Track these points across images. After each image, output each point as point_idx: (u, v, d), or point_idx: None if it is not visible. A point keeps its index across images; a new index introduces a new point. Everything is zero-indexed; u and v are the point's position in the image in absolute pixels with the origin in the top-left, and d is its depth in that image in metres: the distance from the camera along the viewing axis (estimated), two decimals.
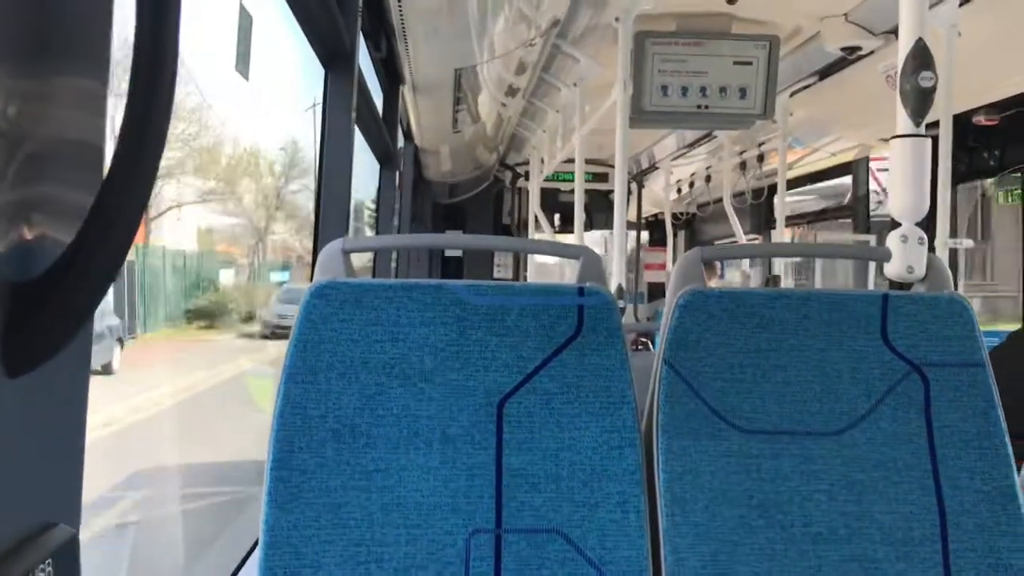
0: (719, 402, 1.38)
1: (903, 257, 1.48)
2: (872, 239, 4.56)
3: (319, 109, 2.32)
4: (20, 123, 0.54)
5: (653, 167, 6.73)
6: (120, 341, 3.29)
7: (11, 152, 0.53)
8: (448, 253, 7.63)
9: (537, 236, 6.09)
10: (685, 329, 1.38)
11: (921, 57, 1.47)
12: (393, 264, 4.87)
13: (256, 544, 1.29)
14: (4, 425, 0.55)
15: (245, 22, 1.72)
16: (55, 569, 0.57)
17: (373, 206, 4.76)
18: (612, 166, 3.15)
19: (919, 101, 1.47)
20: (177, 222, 3.74)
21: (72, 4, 0.58)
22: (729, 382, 1.38)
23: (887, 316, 1.40)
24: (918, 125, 1.49)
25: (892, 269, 1.50)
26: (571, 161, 3.83)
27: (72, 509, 0.64)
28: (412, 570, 1.26)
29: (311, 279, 1.37)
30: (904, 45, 1.49)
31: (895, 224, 1.53)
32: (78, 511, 0.64)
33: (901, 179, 1.49)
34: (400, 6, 2.87)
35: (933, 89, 1.47)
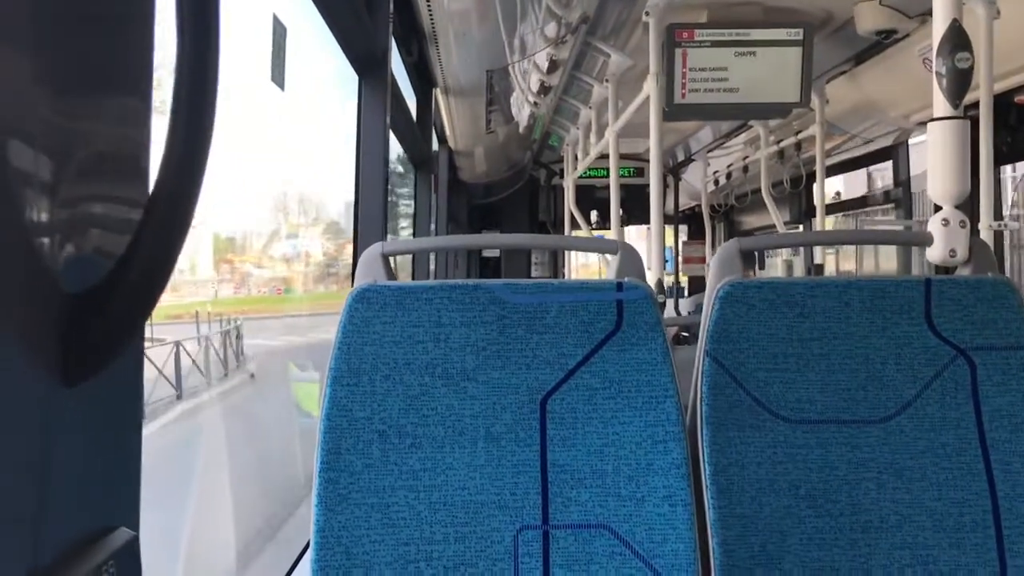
0: (763, 393, 1.37)
1: (945, 241, 1.46)
2: (914, 224, 4.49)
3: None
4: (69, 141, 0.56)
5: (689, 159, 6.69)
6: None
7: (62, 169, 0.55)
8: (485, 253, 7.66)
9: (574, 233, 6.09)
10: (726, 321, 1.38)
11: (956, 38, 1.45)
12: (432, 266, 4.91)
13: (308, 545, 1.31)
14: (64, 432, 0.57)
15: (279, 33, 1.75)
16: (117, 570, 0.59)
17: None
18: (647, 160, 3.14)
19: (956, 83, 1.45)
20: None
21: (115, 24, 0.60)
22: (772, 372, 1.38)
23: (931, 301, 1.38)
24: (956, 107, 1.47)
25: (934, 253, 1.48)
26: (606, 157, 3.82)
27: (131, 512, 0.66)
28: (462, 568, 1.28)
29: (352, 284, 1.39)
30: (939, 27, 1.47)
31: (936, 208, 1.51)
32: (137, 514, 0.66)
33: (940, 162, 1.47)
34: (430, 10, 2.89)
35: (970, 70, 1.45)
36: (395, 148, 3.73)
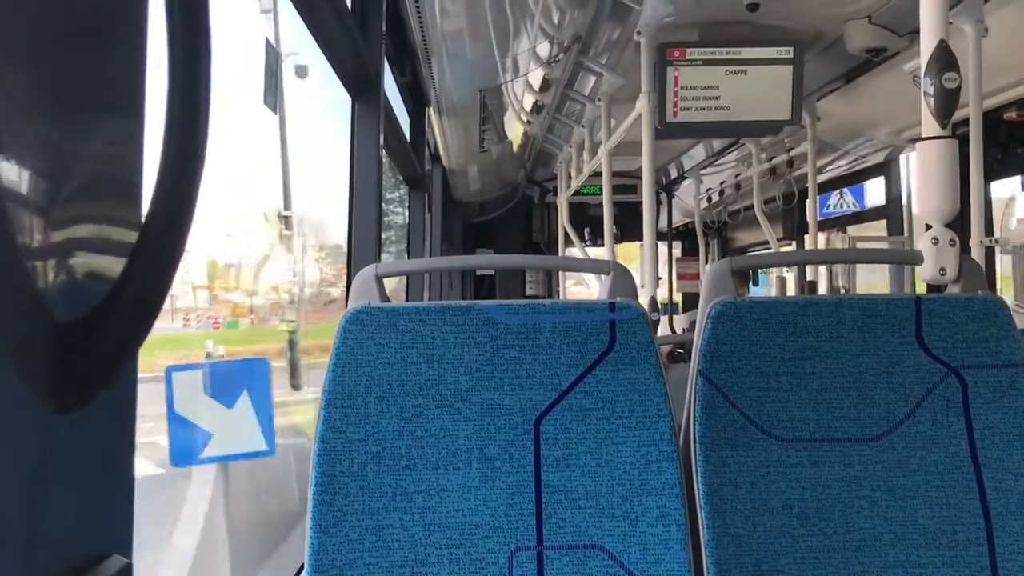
0: (756, 412, 1.37)
1: (935, 259, 1.47)
2: (904, 239, 4.51)
3: None
4: (62, 162, 0.56)
5: (682, 176, 6.72)
6: None
7: (55, 192, 0.55)
8: (480, 272, 7.66)
9: (567, 252, 6.10)
10: (718, 340, 1.39)
11: (944, 58, 1.46)
12: (426, 286, 4.90)
13: (302, 568, 1.30)
14: (57, 460, 0.56)
15: (271, 57, 1.75)
16: None
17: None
18: (640, 178, 3.15)
19: (944, 102, 1.46)
20: None
21: (108, 44, 0.60)
22: (765, 391, 1.38)
23: (921, 319, 1.39)
24: (944, 127, 1.48)
25: (924, 272, 1.49)
26: (599, 174, 3.84)
27: (125, 539, 0.65)
28: None
29: (346, 305, 1.39)
30: (926, 47, 1.48)
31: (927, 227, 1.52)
32: (130, 541, 0.66)
33: (929, 181, 1.48)
34: (423, 30, 2.91)
35: (958, 90, 1.46)
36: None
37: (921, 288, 3.81)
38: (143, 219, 0.60)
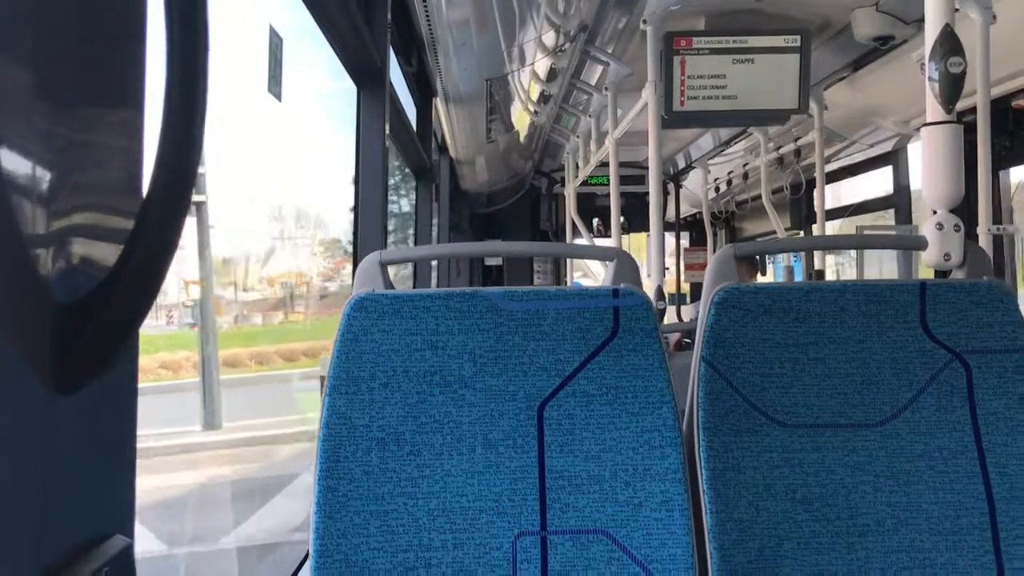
0: (759, 397, 1.37)
1: (940, 245, 1.47)
2: (912, 228, 4.49)
3: None
4: (64, 152, 0.56)
5: (690, 166, 6.70)
6: None
7: (56, 180, 0.55)
8: (488, 262, 7.67)
9: (575, 242, 6.10)
10: (722, 326, 1.39)
11: (949, 43, 1.46)
12: (434, 276, 4.91)
13: (307, 555, 1.31)
14: (58, 440, 0.57)
15: (275, 43, 1.76)
16: None
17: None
18: (647, 168, 3.15)
19: (949, 88, 1.46)
20: None
21: (109, 37, 0.61)
22: (768, 377, 1.38)
23: (926, 304, 1.39)
24: (949, 112, 1.47)
25: (929, 257, 1.48)
26: (606, 165, 3.83)
27: (126, 519, 0.66)
28: (461, 574, 1.28)
29: (351, 291, 1.40)
30: (931, 31, 1.48)
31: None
32: (132, 521, 0.67)
33: (934, 167, 1.48)
34: (429, 19, 2.90)
35: (963, 75, 1.46)
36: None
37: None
38: (141, 206, 0.61)
